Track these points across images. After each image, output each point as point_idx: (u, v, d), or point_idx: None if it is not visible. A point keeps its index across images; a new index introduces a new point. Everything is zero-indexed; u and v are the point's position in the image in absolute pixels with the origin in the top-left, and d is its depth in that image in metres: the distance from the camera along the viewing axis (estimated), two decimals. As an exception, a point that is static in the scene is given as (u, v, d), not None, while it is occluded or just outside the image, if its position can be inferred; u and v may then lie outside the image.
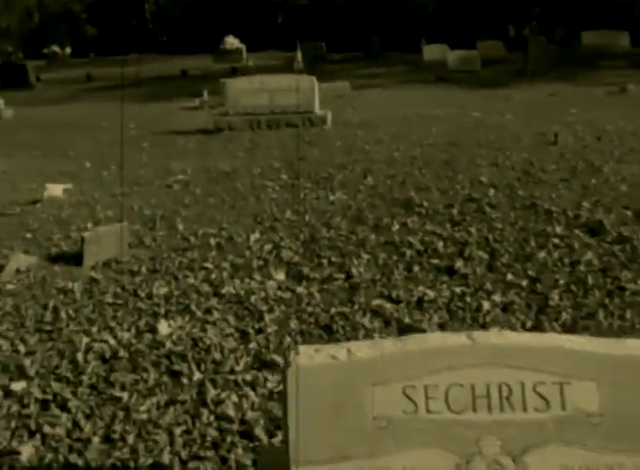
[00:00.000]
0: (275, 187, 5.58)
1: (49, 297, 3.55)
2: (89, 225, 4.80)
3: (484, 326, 3.03)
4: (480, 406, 1.52)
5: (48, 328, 3.15)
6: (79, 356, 2.82)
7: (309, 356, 1.54)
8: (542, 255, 3.86)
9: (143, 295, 3.52)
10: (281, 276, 3.76)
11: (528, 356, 1.54)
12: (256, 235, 4.39)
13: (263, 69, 19.26)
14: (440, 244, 4.10)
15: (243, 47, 22.75)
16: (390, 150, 6.88)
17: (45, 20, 32.81)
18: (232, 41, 22.47)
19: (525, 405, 1.51)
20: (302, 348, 1.59)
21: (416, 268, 3.76)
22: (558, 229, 4.25)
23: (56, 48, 28.66)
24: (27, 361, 2.76)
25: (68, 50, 29.63)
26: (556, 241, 4.07)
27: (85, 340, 2.99)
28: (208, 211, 4.98)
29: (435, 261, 3.85)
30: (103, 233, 4.04)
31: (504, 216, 4.57)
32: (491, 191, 5.17)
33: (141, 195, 5.59)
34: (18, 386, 2.50)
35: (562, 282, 3.49)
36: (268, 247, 4.15)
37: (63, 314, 3.29)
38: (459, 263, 3.78)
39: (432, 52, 17.37)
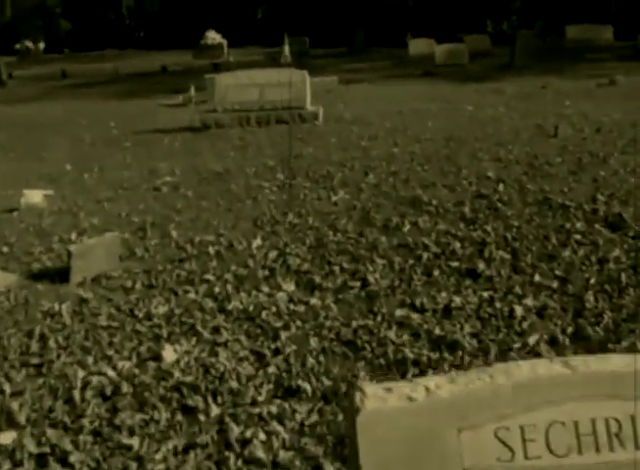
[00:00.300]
0: (272, 187, 5.27)
1: (34, 322, 3.20)
2: (73, 236, 4.45)
3: (522, 334, 2.78)
4: (587, 447, 1.27)
5: (36, 361, 2.80)
6: (76, 395, 2.49)
7: (380, 398, 1.26)
8: (567, 253, 3.62)
9: (141, 315, 3.20)
10: (291, 287, 3.47)
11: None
12: (258, 241, 4.08)
13: (246, 64, 18.80)
14: (457, 245, 3.84)
15: (224, 42, 22.31)
16: (388, 146, 6.61)
17: (18, 13, 31.91)
18: (213, 36, 22.00)
19: (638, 443, 1.27)
20: (369, 387, 1.31)
21: (436, 272, 3.50)
22: (578, 225, 4.02)
23: (29, 43, 27.74)
24: (15, 405, 2.41)
25: (41, 45, 28.72)
26: (578, 237, 3.84)
27: (81, 373, 2.65)
28: (203, 216, 4.65)
29: (455, 264, 3.59)
30: (91, 246, 3.70)
31: (518, 213, 4.33)
32: (500, 186, 4.93)
33: (127, 200, 5.24)
34: (7, 437, 2.14)
35: (593, 281, 3.26)
36: (273, 254, 3.85)
37: (52, 343, 2.94)
38: (481, 265, 3.53)
39: (418, 46, 17.14)
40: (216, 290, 3.43)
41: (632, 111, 8.18)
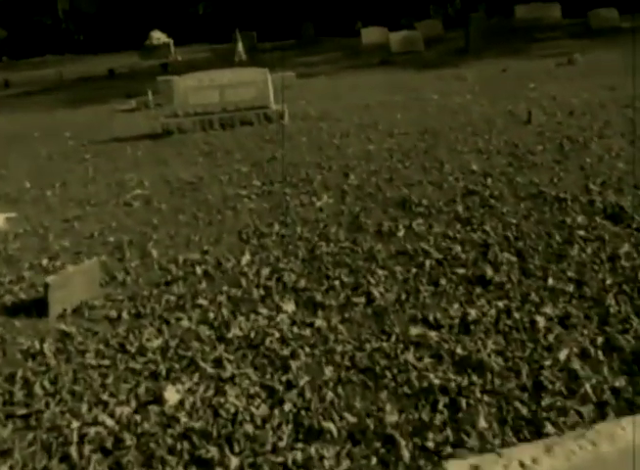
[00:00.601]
0: (251, 195, 5.00)
1: (14, 364, 2.88)
2: (44, 261, 4.10)
3: (550, 349, 2.61)
4: None
5: (22, 411, 2.50)
6: (73, 451, 2.21)
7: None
8: (575, 251, 3.49)
9: (133, 350, 2.91)
10: (291, 307, 3.23)
11: None
12: (247, 257, 3.82)
13: (196, 63, 18.36)
14: (458, 248, 3.67)
15: (170, 41, 21.66)
16: (362, 143, 6.40)
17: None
18: (158, 36, 21.34)
19: None
20: (453, 465, 1.10)
21: (442, 281, 3.31)
22: (579, 219, 3.90)
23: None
24: (5, 468, 2.13)
25: (-24, 55, 27.49)
26: (581, 233, 3.72)
27: (75, 424, 2.37)
28: (183, 232, 4.35)
29: (461, 271, 3.41)
30: (69, 275, 3.37)
31: (514, 209, 4.19)
32: (489, 181, 4.79)
33: (97, 217, 4.88)
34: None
35: (610, 282, 3.12)
36: (266, 271, 3.60)
37: (37, 389, 2.64)
38: (489, 271, 3.36)
39: (370, 35, 16.93)
40: (211, 315, 3.17)
41: (596, 90, 8.21)
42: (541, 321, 2.84)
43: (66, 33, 31.78)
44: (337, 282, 3.40)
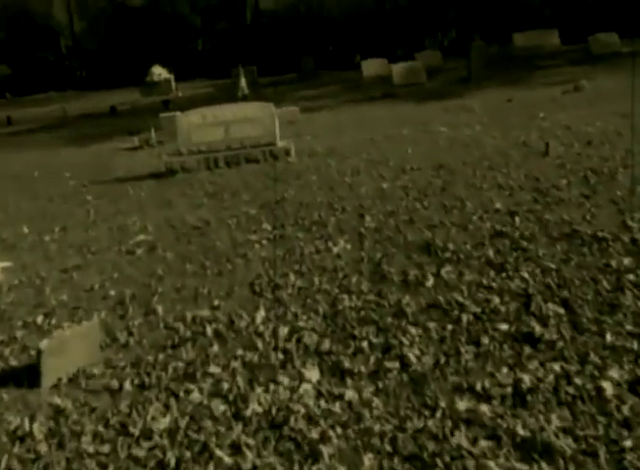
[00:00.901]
0: (262, 241, 4.67)
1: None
2: (39, 318, 3.74)
3: (628, 425, 2.25)
4: None
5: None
6: None
7: None
8: (628, 300, 3.14)
9: (136, 432, 2.54)
10: (315, 374, 2.87)
11: None
12: (262, 313, 3.47)
13: (198, 99, 18.27)
14: (497, 300, 3.32)
15: (171, 77, 21.62)
16: (375, 180, 6.10)
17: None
18: (159, 72, 21.28)
19: None
20: None
21: (484, 340, 2.96)
22: (625, 261, 3.56)
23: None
24: None
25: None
26: (631, 277, 3.38)
27: None
28: (190, 283, 4.01)
29: (504, 327, 3.06)
30: (65, 338, 3.02)
31: (549, 251, 3.85)
32: (516, 219, 4.47)
33: (98, 266, 4.54)
34: None
35: (677, 338, 2.78)
36: (284, 330, 3.24)
37: (26, 485, 2.28)
38: (536, 326, 3.01)
39: (371, 67, 16.83)
40: (225, 386, 2.81)
41: (609, 118, 7.95)
42: (608, 388, 2.48)
43: (68, 70, 31.96)
44: (364, 343, 3.05)
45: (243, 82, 13.65)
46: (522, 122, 8.43)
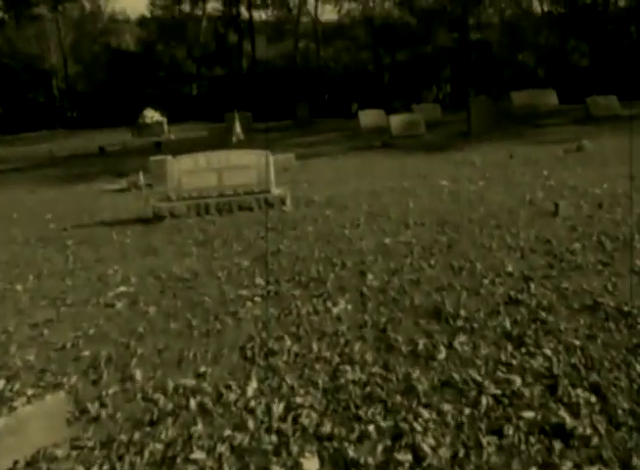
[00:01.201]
0: (254, 298, 4.29)
1: None
2: (1, 383, 3.31)
3: None
4: None
5: None
6: None
7: None
8: (668, 389, 2.79)
9: None
10: (314, 465, 2.46)
11: None
12: (254, 384, 3.07)
13: (189, 142, 18.13)
14: (518, 380, 2.95)
15: (163, 120, 21.54)
16: (376, 235, 5.79)
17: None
18: (151, 115, 21.20)
19: None
20: None
21: (508, 430, 2.58)
22: (658, 343, 3.23)
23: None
24: None
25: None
26: (667, 362, 3.04)
27: None
28: (174, 345, 3.60)
29: (529, 415, 2.68)
30: (25, 415, 2.60)
31: (571, 325, 3.51)
32: (531, 286, 4.14)
33: (73, 321, 4.12)
34: None
35: None
36: (279, 407, 2.84)
37: None
38: (565, 416, 2.64)
39: (369, 117, 16.82)
40: (209, 477, 2.40)
41: (616, 180, 7.77)
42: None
43: (59, 111, 31.99)
44: (371, 427, 2.66)
45: (237, 128, 13.50)
46: (526, 180, 8.24)
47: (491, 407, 2.76)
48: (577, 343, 3.30)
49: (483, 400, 2.81)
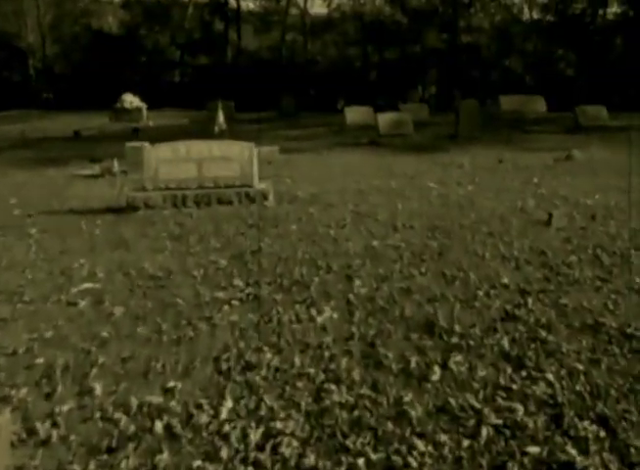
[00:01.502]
0: (232, 301, 3.96)
1: None
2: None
3: None
4: None
5: None
6: None
7: None
8: (683, 426, 2.55)
9: None
10: (295, 505, 2.17)
11: None
12: (229, 404, 2.75)
13: (168, 129, 17.62)
14: (520, 409, 2.68)
15: (143, 106, 20.95)
16: (363, 237, 5.49)
17: None
18: (131, 100, 20.59)
19: None
20: None
21: (513, 468, 2.31)
22: (669, 371, 2.99)
23: None
24: None
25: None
26: (679, 394, 2.80)
27: None
28: (140, 353, 3.26)
29: (534, 450, 2.41)
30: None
31: (573, 347, 3.26)
32: (528, 300, 3.88)
33: (28, 321, 3.75)
34: None
35: None
36: (256, 433, 2.53)
37: None
38: (573, 452, 2.38)
39: (355, 114, 16.50)
40: (172, 516, 2.08)
41: (608, 191, 7.60)
42: None
43: (35, 91, 31.07)
44: (360, 460, 2.36)
45: (220, 117, 13.08)
46: (516, 186, 8.02)
47: (492, 439, 2.49)
48: (581, 367, 3.04)
49: (484, 431, 2.53)
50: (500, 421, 2.60)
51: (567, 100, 17.78)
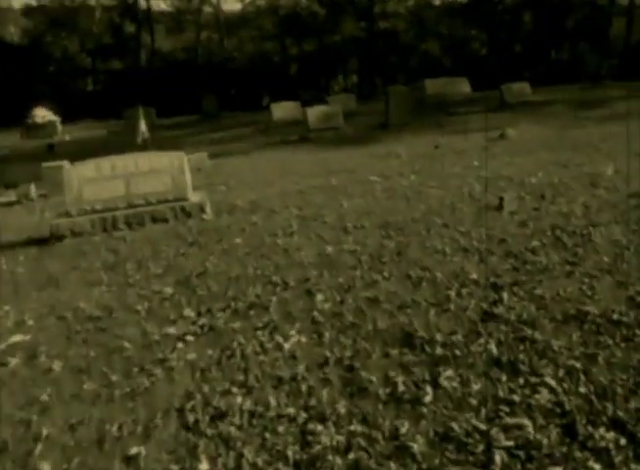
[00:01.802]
0: (185, 336, 3.54)
1: None
2: None
3: None
4: None
5: None
6: None
7: None
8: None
9: None
10: None
11: None
12: (204, 466, 2.37)
13: (86, 143, 16.67)
14: (528, 424, 2.44)
15: (56, 119, 19.77)
16: (314, 243, 5.16)
17: None
18: (43, 114, 19.38)
19: None
20: None
21: (540, 502, 2.05)
22: (666, 359, 2.83)
23: None
24: None
25: None
26: (683, 384, 2.64)
27: None
28: (91, 416, 2.80)
29: (557, 474, 2.18)
30: None
31: (563, 342, 3.05)
32: (504, 296, 3.67)
33: (-49, 388, 3.21)
34: None
35: None
36: (242, 502, 2.17)
37: None
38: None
39: (281, 110, 16.09)
40: None
41: (548, 168, 7.60)
42: None
43: None
44: (368, 519, 2.05)
45: (142, 126, 12.36)
46: (458, 172, 7.89)
47: (508, 466, 2.23)
48: (578, 365, 2.84)
49: (497, 458, 2.27)
50: (511, 442, 2.35)
51: (488, 79, 18.07)
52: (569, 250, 4.41)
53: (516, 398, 2.64)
